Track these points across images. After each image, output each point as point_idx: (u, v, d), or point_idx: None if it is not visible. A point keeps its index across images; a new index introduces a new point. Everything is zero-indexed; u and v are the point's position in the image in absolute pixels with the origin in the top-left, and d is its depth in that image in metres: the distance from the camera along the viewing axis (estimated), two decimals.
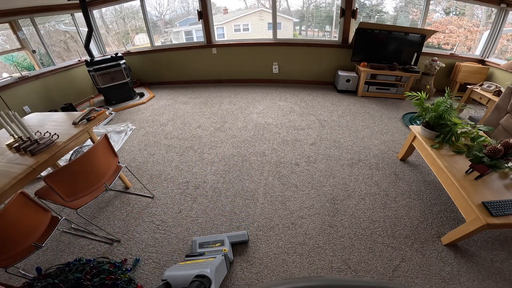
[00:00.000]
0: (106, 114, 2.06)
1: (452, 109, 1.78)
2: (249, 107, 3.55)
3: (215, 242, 1.56)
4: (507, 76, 3.14)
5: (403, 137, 2.70)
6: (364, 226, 1.72)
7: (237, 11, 6.36)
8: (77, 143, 1.76)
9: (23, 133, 1.53)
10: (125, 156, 2.61)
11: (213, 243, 1.56)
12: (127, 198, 2.05)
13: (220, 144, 2.70)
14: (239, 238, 1.62)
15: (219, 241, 1.57)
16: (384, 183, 2.09)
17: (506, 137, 2.11)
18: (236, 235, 1.63)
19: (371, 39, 3.54)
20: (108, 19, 4.98)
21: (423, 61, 3.56)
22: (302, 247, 1.60)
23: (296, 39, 4.30)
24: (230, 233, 1.66)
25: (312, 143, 2.64)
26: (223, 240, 1.57)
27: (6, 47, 3.71)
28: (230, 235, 1.63)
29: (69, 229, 1.81)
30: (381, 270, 1.46)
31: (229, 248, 1.54)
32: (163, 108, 3.71)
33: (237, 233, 1.66)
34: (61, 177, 1.36)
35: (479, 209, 1.30)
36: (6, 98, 3.11)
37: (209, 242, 1.57)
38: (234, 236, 1.63)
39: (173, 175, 2.28)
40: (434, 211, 1.82)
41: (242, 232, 1.66)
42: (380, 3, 4.35)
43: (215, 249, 1.51)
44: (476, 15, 4.02)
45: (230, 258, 1.48)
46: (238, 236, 1.63)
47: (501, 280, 1.39)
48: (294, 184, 2.11)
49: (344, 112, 3.29)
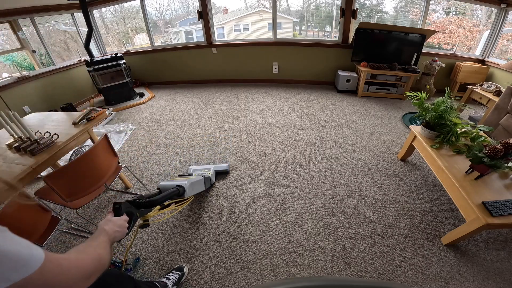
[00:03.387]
0: (106, 114, 2.06)
1: (452, 109, 1.77)
2: (249, 107, 3.55)
3: (203, 169, 2.13)
4: (507, 76, 3.14)
5: (403, 137, 2.70)
6: (364, 226, 1.72)
7: (237, 11, 6.36)
8: (77, 143, 1.76)
9: (23, 133, 1.53)
10: (125, 156, 2.61)
11: (202, 169, 2.12)
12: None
13: (220, 144, 2.70)
14: (222, 168, 2.20)
15: (206, 168, 2.13)
16: (384, 183, 2.09)
17: (506, 137, 2.11)
18: (220, 166, 2.22)
19: (371, 39, 3.54)
20: (108, 19, 4.98)
21: (423, 61, 3.55)
22: (302, 247, 1.60)
23: (296, 39, 4.31)
24: (216, 165, 2.25)
25: (312, 143, 2.64)
26: (210, 168, 2.13)
27: (6, 47, 3.72)
28: (216, 166, 2.21)
29: (69, 229, 1.81)
30: (381, 270, 1.46)
31: (213, 173, 2.07)
32: (163, 108, 3.71)
33: (221, 164, 2.25)
34: (61, 177, 1.36)
35: (479, 209, 1.30)
36: (6, 98, 3.11)
37: (199, 169, 2.15)
38: (218, 166, 2.22)
39: (173, 175, 2.27)
40: (434, 211, 1.82)
41: (225, 164, 2.27)
42: (380, 3, 4.35)
43: (201, 172, 2.02)
44: (476, 15, 4.03)
45: (211, 180, 2.04)
46: (221, 166, 2.22)
47: (501, 280, 1.39)
48: (294, 184, 2.11)
49: (344, 112, 3.29)
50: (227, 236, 1.69)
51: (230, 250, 1.60)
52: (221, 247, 1.62)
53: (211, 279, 1.44)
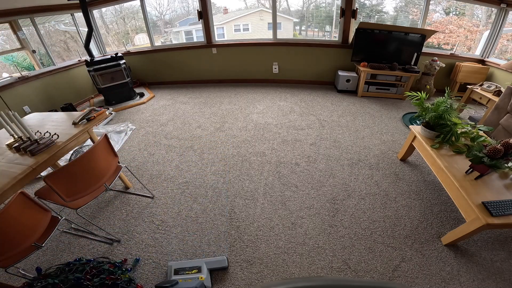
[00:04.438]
0: (106, 114, 2.06)
1: (452, 109, 1.77)
2: (249, 107, 3.55)
3: (191, 268, 1.45)
4: (507, 76, 3.14)
5: (403, 137, 2.70)
6: (364, 226, 1.72)
7: (237, 11, 6.36)
8: (77, 143, 1.75)
9: (23, 133, 1.53)
10: (125, 156, 2.61)
11: (190, 270, 1.45)
12: (127, 198, 2.05)
13: (220, 144, 2.70)
14: (218, 264, 1.50)
15: (196, 267, 1.46)
16: (384, 183, 2.09)
17: (506, 137, 2.11)
18: (215, 261, 1.51)
19: (371, 39, 3.54)
20: (108, 19, 4.98)
21: (423, 61, 3.55)
22: (302, 247, 1.60)
23: (296, 39, 4.30)
24: (208, 259, 1.54)
25: (312, 143, 2.64)
26: (200, 266, 1.46)
27: (6, 47, 3.71)
28: (209, 261, 1.51)
29: (69, 229, 1.81)
30: (381, 270, 1.46)
31: (207, 275, 1.42)
32: (163, 108, 3.71)
33: (216, 258, 1.53)
34: (61, 177, 1.36)
35: (479, 209, 1.30)
36: (6, 98, 3.11)
37: (185, 268, 1.46)
38: (212, 262, 1.51)
39: (173, 175, 2.28)
40: (434, 211, 1.82)
41: (222, 257, 1.53)
42: (380, 3, 4.35)
43: (191, 276, 1.40)
44: (476, 15, 4.03)
45: (207, 287, 1.39)
46: (217, 262, 1.51)
47: (501, 280, 1.39)
48: (294, 184, 2.11)
49: (344, 112, 3.29)
50: (227, 236, 1.69)
51: (230, 250, 1.60)
52: (221, 247, 1.62)
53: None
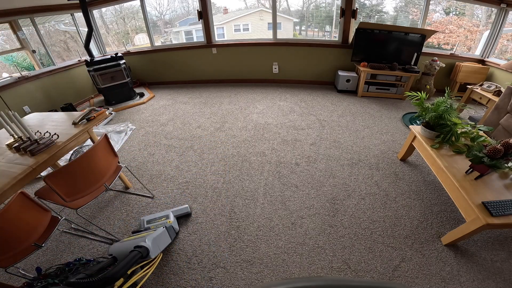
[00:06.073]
0: (106, 114, 2.06)
1: (452, 109, 1.77)
2: (249, 107, 3.55)
3: (160, 217, 1.71)
4: (507, 76, 3.14)
5: (403, 137, 2.70)
6: (364, 226, 1.72)
7: (237, 11, 6.35)
8: (77, 143, 1.76)
9: (23, 133, 1.53)
10: (125, 156, 2.61)
11: (159, 219, 1.70)
12: (127, 198, 2.05)
13: (220, 144, 2.70)
14: (182, 211, 1.83)
15: (164, 216, 1.72)
16: (384, 183, 2.09)
17: (506, 137, 2.11)
18: (180, 209, 1.83)
19: (371, 39, 3.54)
20: (108, 19, 4.98)
21: (423, 61, 3.55)
22: (302, 247, 1.60)
23: (296, 39, 4.30)
24: (174, 208, 1.85)
25: (312, 143, 2.64)
26: (168, 214, 1.73)
27: (6, 47, 3.71)
28: (174, 210, 1.82)
29: (69, 229, 1.81)
30: (381, 270, 1.46)
31: (174, 220, 1.71)
32: (163, 108, 3.71)
33: (181, 207, 1.85)
34: (61, 177, 1.36)
35: (479, 209, 1.30)
36: (6, 98, 3.11)
37: (155, 218, 1.72)
38: (177, 210, 1.83)
39: (173, 175, 2.28)
40: (434, 211, 1.82)
41: (185, 206, 1.86)
42: (380, 3, 4.35)
43: (160, 222, 1.65)
44: (476, 15, 4.02)
45: (175, 229, 1.70)
46: (181, 209, 1.83)
47: (501, 280, 1.39)
48: (294, 184, 2.11)
49: (344, 112, 3.29)
50: (227, 236, 1.69)
51: (230, 250, 1.60)
52: (221, 247, 1.62)
53: (211, 279, 1.44)
